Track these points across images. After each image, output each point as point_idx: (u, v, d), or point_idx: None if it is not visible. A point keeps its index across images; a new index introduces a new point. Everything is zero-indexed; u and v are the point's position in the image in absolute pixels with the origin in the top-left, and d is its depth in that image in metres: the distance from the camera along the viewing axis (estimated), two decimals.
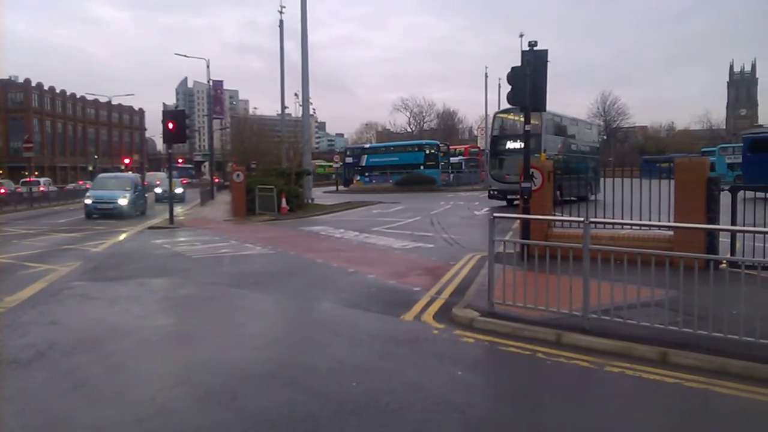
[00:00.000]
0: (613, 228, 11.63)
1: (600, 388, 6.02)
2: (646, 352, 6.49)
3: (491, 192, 31.63)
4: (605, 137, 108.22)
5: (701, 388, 5.64)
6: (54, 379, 6.10)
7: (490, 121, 39.08)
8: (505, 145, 31.55)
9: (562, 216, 13.08)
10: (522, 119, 27.62)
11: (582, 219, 7.55)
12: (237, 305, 9.72)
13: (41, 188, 48.71)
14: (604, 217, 11.23)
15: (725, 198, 10.88)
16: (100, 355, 6.94)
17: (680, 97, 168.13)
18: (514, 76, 11.71)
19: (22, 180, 54.01)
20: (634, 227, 11.90)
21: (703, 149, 65.47)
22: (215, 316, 9.04)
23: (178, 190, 38.95)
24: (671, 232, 11.42)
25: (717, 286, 6.54)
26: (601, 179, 23.79)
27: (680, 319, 6.73)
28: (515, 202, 26.56)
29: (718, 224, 10.65)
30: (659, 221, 10.91)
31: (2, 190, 42.59)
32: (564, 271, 7.67)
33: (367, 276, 11.69)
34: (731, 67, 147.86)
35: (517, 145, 28.58)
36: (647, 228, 11.78)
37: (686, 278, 6.69)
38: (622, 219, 11.08)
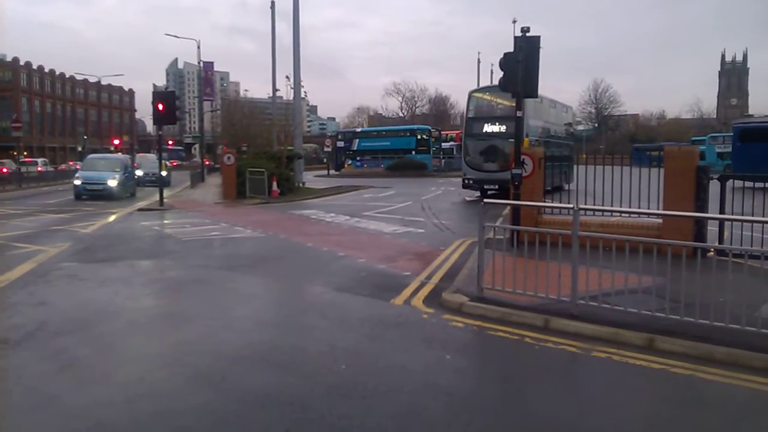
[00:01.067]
0: (603, 215, 11.68)
1: (587, 373, 6.08)
2: (633, 338, 6.56)
3: (466, 181, 27.87)
4: (596, 125, 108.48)
5: (687, 374, 5.70)
6: (43, 360, 6.10)
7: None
8: (481, 128, 27.86)
9: (552, 202, 13.12)
10: (499, 100, 27.15)
11: (572, 206, 7.59)
12: (227, 288, 9.72)
13: (39, 168, 48.83)
14: (594, 205, 11.27)
15: (714, 187, 10.95)
16: (89, 335, 6.94)
17: (671, 86, 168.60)
18: (506, 62, 11.67)
19: (20, 160, 53.96)
20: (623, 215, 11.96)
21: (693, 138, 65.71)
22: (205, 298, 9.04)
23: (163, 172, 35.24)
24: (660, 220, 11.48)
25: (704, 274, 6.62)
26: (575, 167, 23.15)
27: (667, 306, 6.80)
28: (489, 193, 25.99)
29: (707, 212, 10.72)
30: (648, 209, 10.96)
31: (5, 170, 42.36)
32: (553, 258, 7.71)
33: (358, 260, 11.71)
34: (723, 57, 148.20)
35: (496, 128, 27.08)
36: (636, 215, 11.83)
37: (674, 266, 6.76)
38: (612, 206, 11.13)
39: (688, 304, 6.58)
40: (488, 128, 27.49)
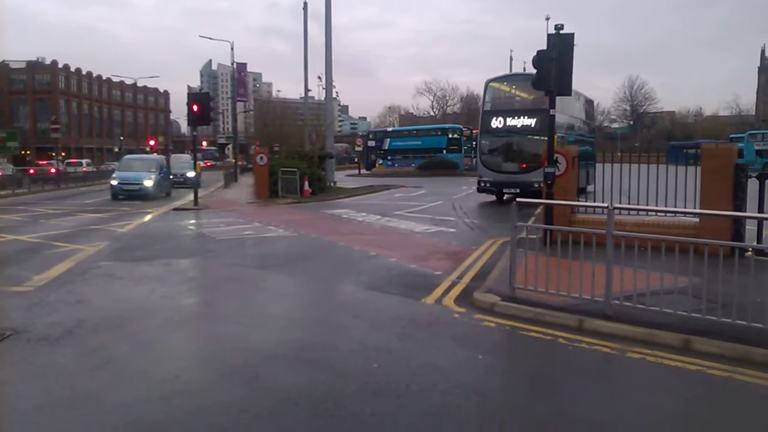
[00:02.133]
0: (638, 214, 11.52)
1: (621, 374, 6.01)
2: (669, 338, 6.46)
3: (482, 184, 24.78)
4: (632, 122, 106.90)
5: (724, 376, 5.60)
6: (81, 357, 6.24)
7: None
8: (500, 122, 24.77)
9: (585, 201, 12.99)
10: (520, 91, 25.37)
11: (606, 205, 7.50)
12: (260, 286, 9.82)
13: (84, 169, 51.03)
14: (629, 203, 11.13)
15: (753, 185, 10.73)
16: (126, 333, 7.07)
17: (709, 83, 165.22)
18: (539, 59, 11.58)
19: (66, 161, 56.78)
20: (659, 214, 11.78)
21: (731, 135, 64.42)
22: (238, 296, 9.15)
23: (190, 174, 31.84)
24: (697, 219, 11.30)
25: (742, 274, 6.49)
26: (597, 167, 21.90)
27: (704, 307, 6.68)
28: (506, 197, 24.42)
29: (745, 211, 10.51)
30: (685, 208, 10.78)
31: (53, 170, 43.87)
32: (587, 257, 7.63)
33: (389, 259, 11.73)
34: (763, 52, 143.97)
35: (516, 122, 24.23)
36: (672, 215, 11.65)
37: (711, 266, 6.64)
38: (647, 205, 10.97)
39: (726, 305, 6.46)
40: (508, 123, 24.59)
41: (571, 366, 6.18)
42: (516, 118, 24.34)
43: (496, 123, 24.79)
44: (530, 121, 23.64)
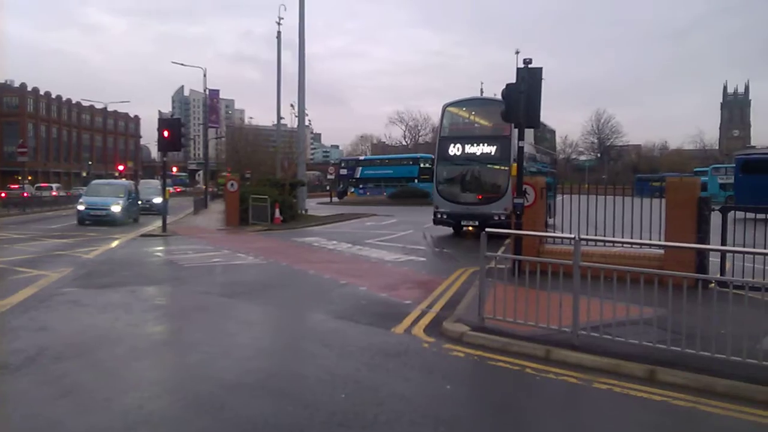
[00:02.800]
0: (604, 245, 11.69)
1: (588, 405, 6.05)
2: (635, 369, 6.53)
3: (438, 215, 22.97)
4: (599, 155, 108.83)
5: (688, 407, 5.67)
6: (43, 385, 6.09)
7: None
8: (458, 149, 23.11)
9: (554, 232, 13.14)
10: (479, 117, 23.93)
11: (573, 236, 7.61)
12: (228, 315, 9.71)
13: (53, 193, 51.14)
14: (596, 235, 11.29)
15: (716, 218, 10.96)
16: (90, 361, 6.93)
17: (674, 117, 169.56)
18: (508, 93, 11.79)
19: (37, 185, 56.21)
20: (625, 245, 11.97)
21: (695, 169, 65.98)
22: (206, 325, 9.03)
23: (156, 200, 33.46)
24: (662, 251, 11.49)
25: (705, 306, 6.61)
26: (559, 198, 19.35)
27: (668, 338, 6.78)
28: (466, 230, 23.04)
29: (709, 244, 10.72)
30: (650, 239, 10.98)
31: (25, 194, 43.34)
32: (554, 288, 7.72)
33: (359, 288, 11.71)
34: (725, 88, 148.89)
35: (476, 149, 22.65)
36: (638, 246, 11.84)
37: (675, 297, 6.75)
38: (614, 237, 11.15)
39: (690, 336, 6.57)
40: (466, 150, 22.88)
41: (538, 396, 6.21)
42: (475, 145, 22.81)
43: (454, 150, 23.21)
44: (490, 149, 22.35)
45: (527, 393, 6.32)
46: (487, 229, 8.67)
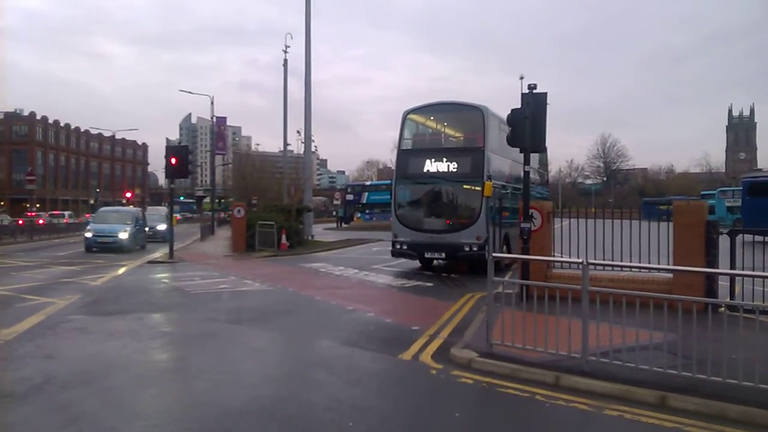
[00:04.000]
0: (613, 270, 11.63)
1: None
2: (645, 395, 6.46)
3: (397, 246, 19.02)
4: (605, 178, 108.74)
5: None
6: (49, 414, 6.06)
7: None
8: (421, 166, 19.08)
9: (561, 257, 13.08)
10: (446, 127, 20.48)
11: (581, 260, 7.57)
12: (234, 341, 9.67)
13: (66, 220, 51.68)
14: (604, 259, 11.24)
15: (724, 241, 10.91)
16: (96, 389, 6.90)
17: (680, 140, 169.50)
18: (513, 118, 11.85)
19: (49, 212, 57.28)
20: (633, 269, 11.90)
21: (702, 192, 65.77)
22: (212, 352, 8.99)
23: (160, 227, 34.10)
24: (670, 275, 11.42)
25: (716, 330, 6.54)
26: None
27: (679, 363, 6.71)
28: (435, 263, 20.09)
29: (717, 268, 10.66)
30: (658, 264, 10.92)
31: (41, 221, 44.26)
32: (563, 313, 7.65)
33: (366, 314, 11.66)
34: (730, 111, 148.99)
35: (443, 165, 18.74)
36: (646, 270, 11.77)
37: (685, 321, 6.69)
38: (621, 261, 11.09)
39: (701, 361, 6.50)
40: (431, 166, 18.93)
41: (548, 424, 6.14)
42: (441, 160, 18.87)
43: (416, 166, 19.25)
44: (460, 165, 18.51)
45: (537, 420, 6.24)
46: (494, 254, 8.64)
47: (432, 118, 20.68)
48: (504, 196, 19.75)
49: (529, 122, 11.63)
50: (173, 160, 23.03)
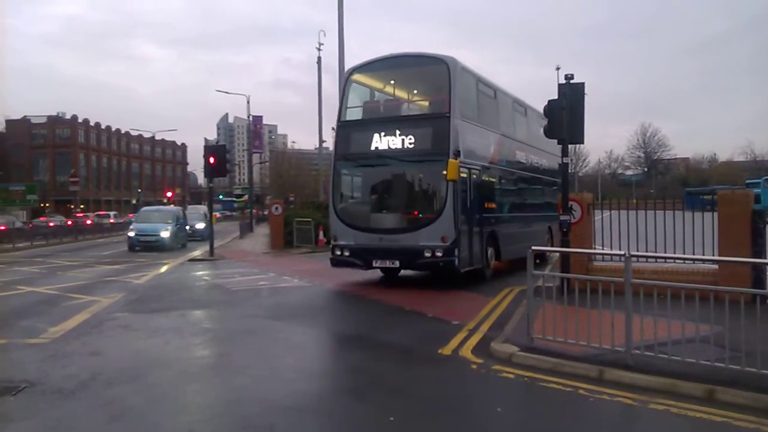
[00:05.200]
0: (656, 262, 11.40)
1: (645, 427, 5.86)
2: (692, 389, 6.31)
3: (337, 252, 14.62)
4: (646, 169, 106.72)
5: (751, 428, 5.43)
6: (95, 409, 6.18)
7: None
8: (367, 142, 14.53)
9: (602, 249, 12.87)
10: (398, 88, 16.15)
11: (623, 253, 7.43)
12: (275, 337, 9.75)
13: (111, 220, 53.20)
14: (646, 251, 11.02)
15: None
16: (141, 385, 7.01)
17: (722, 128, 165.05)
18: (551, 109, 11.69)
19: (95, 213, 58.93)
20: (677, 261, 11.64)
21: (747, 181, 64.05)
22: (254, 348, 9.08)
23: (199, 225, 34.26)
24: (716, 266, 11.15)
25: (764, 322, 6.36)
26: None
27: (727, 356, 6.54)
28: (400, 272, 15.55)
29: (765, 258, 10.37)
30: (703, 255, 10.66)
31: (89, 222, 45.72)
32: (605, 306, 7.52)
33: (404, 308, 11.63)
34: None
35: (397, 140, 14.07)
36: (691, 262, 11.51)
37: (732, 313, 6.52)
38: (665, 252, 10.87)
39: (749, 354, 6.32)
40: (380, 142, 14.30)
41: (593, 419, 6.03)
42: (394, 132, 14.20)
43: (361, 143, 14.75)
44: (418, 138, 14.03)
45: (581, 415, 6.14)
46: (534, 247, 8.52)
47: (384, 77, 15.99)
48: (488, 183, 15.68)
49: (566, 113, 11.46)
50: (211, 160, 23.31)
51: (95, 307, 12.23)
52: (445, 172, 13.12)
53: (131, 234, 28.04)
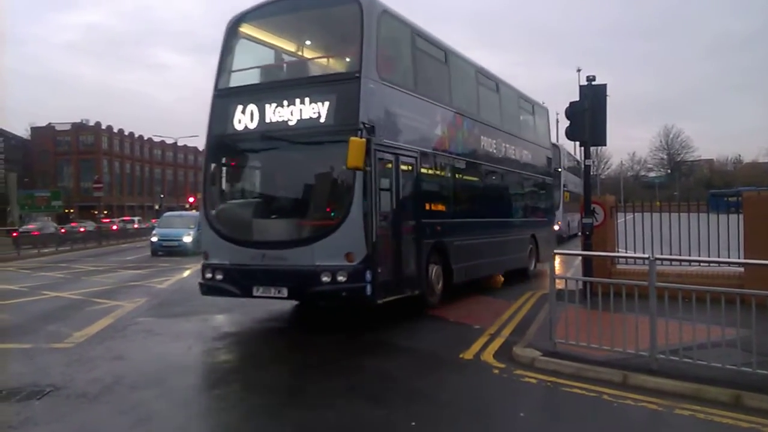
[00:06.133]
0: (680, 265, 11.26)
1: None
2: (719, 394, 6.21)
3: (207, 276, 10.55)
4: (670, 171, 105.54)
5: None
6: (119, 414, 6.22)
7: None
8: (249, 117, 10.44)
9: (626, 253, 12.74)
10: (286, 43, 12.08)
11: (647, 256, 7.35)
12: (296, 340, 9.76)
13: (135, 226, 54.05)
14: (671, 254, 10.90)
15: None
16: (165, 390, 7.05)
17: (747, 129, 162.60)
18: (572, 111, 11.60)
19: (120, 219, 61.59)
20: (702, 264, 11.50)
21: None
22: (276, 351, 9.10)
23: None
24: (741, 269, 10.99)
25: None
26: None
27: (754, 360, 6.43)
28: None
29: None
30: (728, 257, 10.51)
31: (115, 227, 46.88)
32: (629, 310, 7.43)
33: (426, 312, 11.59)
34: None
35: (285, 113, 10.11)
36: (716, 265, 11.36)
37: (759, 317, 6.41)
38: (689, 255, 10.73)
39: None
40: (267, 115, 10.34)
41: (617, 424, 5.96)
42: (282, 103, 10.22)
43: (241, 117, 10.63)
44: (317, 108, 9.96)
45: (606, 420, 6.06)
46: (556, 251, 8.45)
47: (276, 27, 11.81)
48: (431, 177, 11.93)
49: (588, 115, 11.37)
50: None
51: (119, 311, 12.35)
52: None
53: (154, 239, 28.31)
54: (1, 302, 13.99)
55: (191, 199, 68.61)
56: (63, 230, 42.99)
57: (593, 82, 11.54)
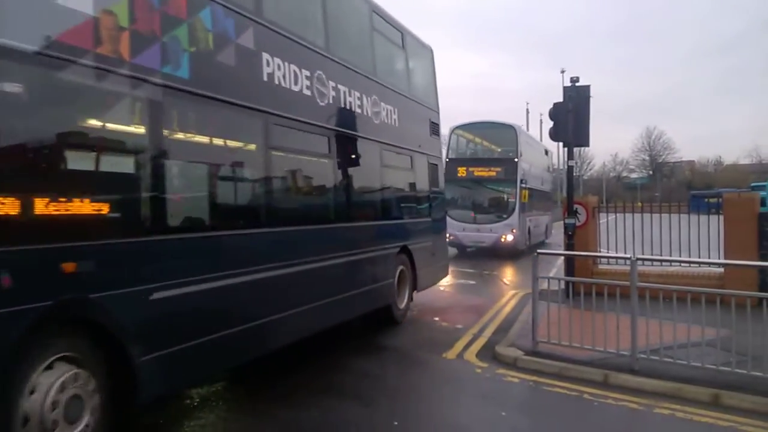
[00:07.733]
0: (661, 265, 11.35)
1: (650, 431, 5.83)
2: (698, 393, 6.28)
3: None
4: (651, 172, 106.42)
5: None
6: None
7: None
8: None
9: (607, 252, 12.83)
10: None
11: (629, 256, 7.41)
12: None
13: None
14: (652, 254, 10.98)
15: None
16: None
17: (728, 131, 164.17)
18: (556, 112, 11.66)
19: None
20: (682, 264, 11.60)
21: (752, 184, 63.78)
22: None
23: None
24: (721, 270, 11.11)
25: None
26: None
27: (733, 360, 6.51)
28: None
29: None
30: (709, 258, 10.62)
31: None
32: (611, 309, 7.49)
33: (409, 313, 11.60)
34: None
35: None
36: (696, 265, 11.47)
37: (738, 317, 6.49)
38: (670, 256, 10.83)
39: (756, 358, 6.29)
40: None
41: (598, 423, 6.01)
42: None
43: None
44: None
45: (587, 419, 6.11)
46: (539, 251, 8.51)
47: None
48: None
49: (572, 116, 11.43)
50: None
51: None
52: None
53: None
54: None
55: None
56: None
57: (577, 83, 11.61)
